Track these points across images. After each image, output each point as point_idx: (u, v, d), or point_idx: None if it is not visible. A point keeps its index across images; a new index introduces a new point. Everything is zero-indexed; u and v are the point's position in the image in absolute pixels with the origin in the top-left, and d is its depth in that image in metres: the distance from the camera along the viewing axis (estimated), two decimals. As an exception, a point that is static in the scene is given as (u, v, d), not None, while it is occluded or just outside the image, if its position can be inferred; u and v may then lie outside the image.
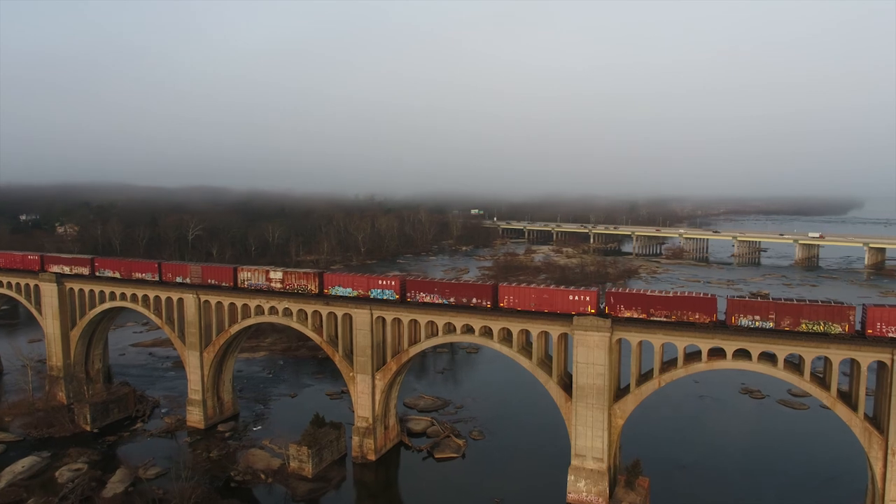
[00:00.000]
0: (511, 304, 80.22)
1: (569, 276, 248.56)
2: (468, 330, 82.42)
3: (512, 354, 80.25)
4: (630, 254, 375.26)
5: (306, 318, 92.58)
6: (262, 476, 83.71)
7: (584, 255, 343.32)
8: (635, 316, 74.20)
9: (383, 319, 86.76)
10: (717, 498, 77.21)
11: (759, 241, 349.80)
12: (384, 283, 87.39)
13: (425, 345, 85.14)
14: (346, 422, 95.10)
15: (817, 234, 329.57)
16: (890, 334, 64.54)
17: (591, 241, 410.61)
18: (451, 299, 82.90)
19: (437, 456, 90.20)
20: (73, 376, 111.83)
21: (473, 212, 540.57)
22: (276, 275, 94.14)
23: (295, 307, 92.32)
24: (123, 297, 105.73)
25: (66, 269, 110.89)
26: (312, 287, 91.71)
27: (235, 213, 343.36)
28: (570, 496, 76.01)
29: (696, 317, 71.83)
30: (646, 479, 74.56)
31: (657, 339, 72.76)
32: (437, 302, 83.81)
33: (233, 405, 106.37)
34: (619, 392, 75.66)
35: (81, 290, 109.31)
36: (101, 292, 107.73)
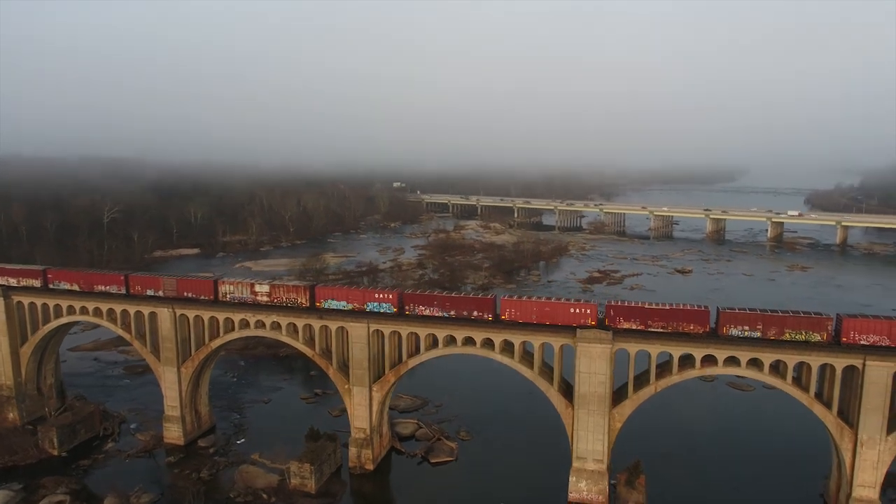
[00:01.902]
0: (512, 316, 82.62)
1: (507, 255, 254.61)
2: (469, 342, 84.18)
3: (514, 365, 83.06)
4: (552, 227, 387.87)
5: (296, 332, 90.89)
6: (264, 496, 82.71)
7: (512, 231, 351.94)
8: (634, 327, 78.76)
9: (381, 332, 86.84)
10: (693, 483, 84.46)
11: (673, 216, 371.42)
12: (381, 296, 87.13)
13: (425, 357, 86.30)
14: (327, 426, 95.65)
15: (720, 210, 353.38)
16: (861, 342, 72.40)
17: (515, 215, 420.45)
18: (452, 312, 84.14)
19: (432, 461, 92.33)
20: (25, 395, 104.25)
21: (395, 185, 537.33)
22: (263, 288, 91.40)
23: (284, 321, 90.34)
24: (84, 310, 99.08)
25: (13, 282, 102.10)
26: (303, 300, 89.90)
27: (150, 191, 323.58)
28: (572, 496, 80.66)
29: (691, 327, 77.25)
30: (643, 477, 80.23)
31: (654, 349, 77.76)
32: (437, 315, 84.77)
33: (209, 417, 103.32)
34: (617, 397, 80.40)
35: (33, 304, 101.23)
36: (57, 306, 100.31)
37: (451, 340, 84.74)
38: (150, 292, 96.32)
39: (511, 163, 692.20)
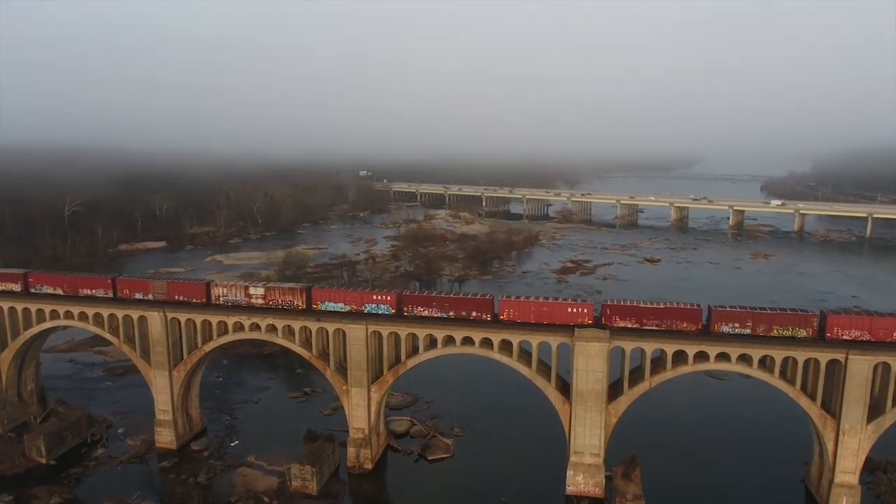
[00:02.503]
0: (511, 316, 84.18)
1: (480, 246, 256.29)
2: (467, 342, 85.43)
3: (512, 364, 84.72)
4: (520, 216, 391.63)
5: (292, 334, 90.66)
6: (266, 499, 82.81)
7: (482, 221, 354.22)
8: (629, 326, 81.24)
9: (379, 334, 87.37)
10: (683, 472, 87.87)
11: (638, 204, 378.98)
12: (379, 297, 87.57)
13: (424, 357, 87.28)
14: (320, 425, 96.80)
15: (691, 198, 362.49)
16: (844, 337, 76.37)
17: (484, 204, 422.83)
18: (451, 313, 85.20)
19: (429, 458, 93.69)
20: (6, 402, 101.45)
21: (362, 174, 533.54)
22: (258, 290, 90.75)
23: (280, 323, 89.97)
24: (69, 315, 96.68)
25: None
26: (299, 302, 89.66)
27: (113, 183, 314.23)
28: (570, 489, 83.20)
29: (684, 325, 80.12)
30: (638, 469, 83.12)
31: (649, 346, 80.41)
32: (435, 316, 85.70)
33: (200, 419, 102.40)
34: (612, 393, 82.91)
35: (13, 309, 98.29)
36: (40, 311, 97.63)
37: (449, 340, 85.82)
38: (138, 296, 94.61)
39: (475, 151, 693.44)
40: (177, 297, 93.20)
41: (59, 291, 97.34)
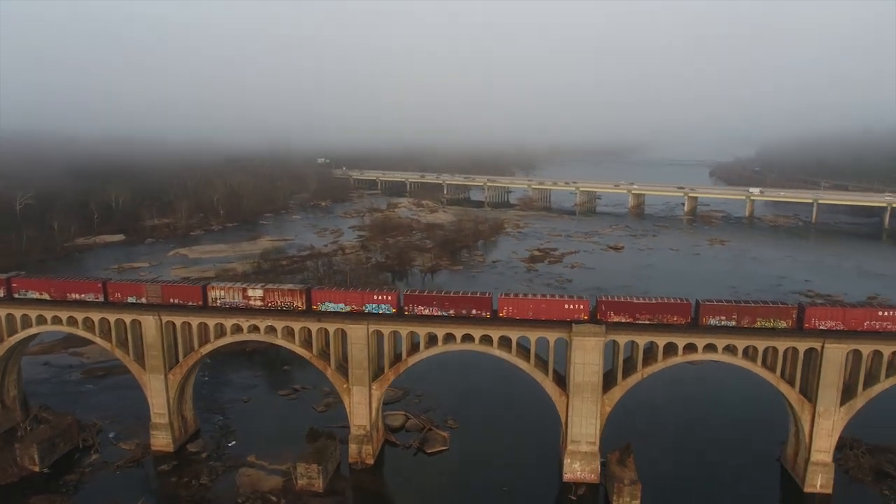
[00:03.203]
0: (510, 313, 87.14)
1: (447, 235, 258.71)
2: (467, 339, 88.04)
3: (511, 359, 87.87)
4: (481, 203, 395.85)
5: (291, 335, 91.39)
6: (273, 498, 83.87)
7: (446, 209, 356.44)
8: (623, 320, 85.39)
9: (381, 333, 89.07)
10: (669, 455, 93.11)
11: (596, 191, 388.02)
12: (380, 297, 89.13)
13: (425, 354, 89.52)
14: (315, 422, 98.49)
15: (635, 185, 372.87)
16: (821, 327, 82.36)
17: (445, 191, 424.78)
18: (451, 311, 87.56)
19: (428, 451, 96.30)
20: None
21: (320, 161, 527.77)
22: (256, 292, 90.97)
23: (280, 324, 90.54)
24: (57, 320, 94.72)
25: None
26: (299, 304, 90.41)
27: (66, 174, 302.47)
28: (567, 476, 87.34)
29: (674, 319, 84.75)
30: (632, 456, 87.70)
31: (641, 339, 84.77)
32: (436, 314, 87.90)
33: (194, 421, 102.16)
34: (606, 384, 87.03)
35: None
36: (25, 316, 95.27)
37: (449, 338, 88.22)
38: (131, 299, 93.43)
39: (432, 140, 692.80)
40: (172, 301, 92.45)
41: (46, 296, 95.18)
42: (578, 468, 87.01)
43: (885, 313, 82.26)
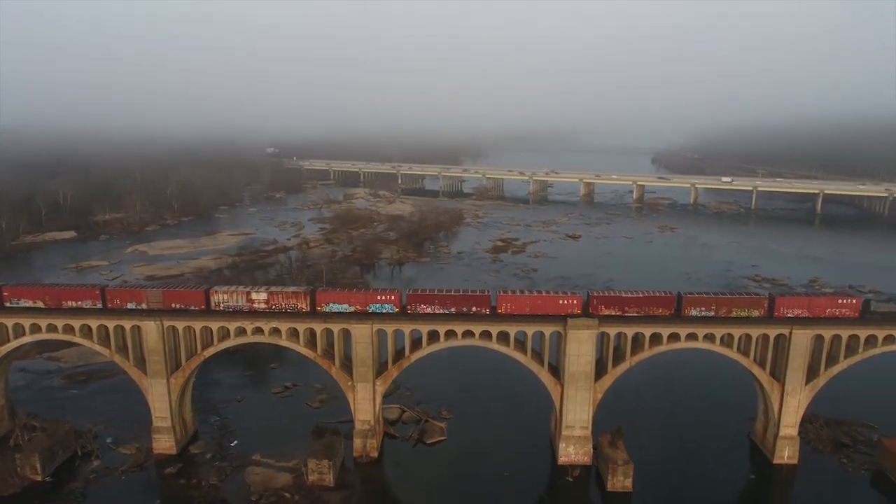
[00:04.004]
0: (508, 310, 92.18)
1: (410, 227, 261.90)
2: (468, 335, 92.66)
3: (509, 352, 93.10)
4: (436, 193, 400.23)
5: (295, 336, 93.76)
6: (287, 495, 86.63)
7: (404, 200, 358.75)
8: (613, 314, 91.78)
9: (384, 331, 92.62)
10: (652, 434, 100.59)
11: (549, 180, 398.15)
12: (383, 297, 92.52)
13: (427, 350, 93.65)
14: (312, 418, 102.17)
15: (592, 174, 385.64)
16: (789, 315, 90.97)
17: (399, 181, 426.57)
18: (452, 309, 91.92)
19: (427, 442, 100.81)
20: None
21: (269, 151, 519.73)
22: (260, 295, 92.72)
23: (284, 326, 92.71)
24: (52, 328, 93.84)
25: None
26: (303, 305, 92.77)
27: (5, 168, 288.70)
28: (562, 459, 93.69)
29: (659, 311, 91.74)
30: (622, 437, 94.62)
31: (629, 330, 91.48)
32: (438, 312, 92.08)
33: (193, 423, 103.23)
34: (597, 372, 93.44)
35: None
36: (18, 325, 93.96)
37: (451, 334, 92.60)
38: (131, 305, 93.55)
39: (381, 128, 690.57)
40: (173, 306, 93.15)
41: (40, 304, 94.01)
42: (573, 451, 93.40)
43: (844, 301, 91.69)
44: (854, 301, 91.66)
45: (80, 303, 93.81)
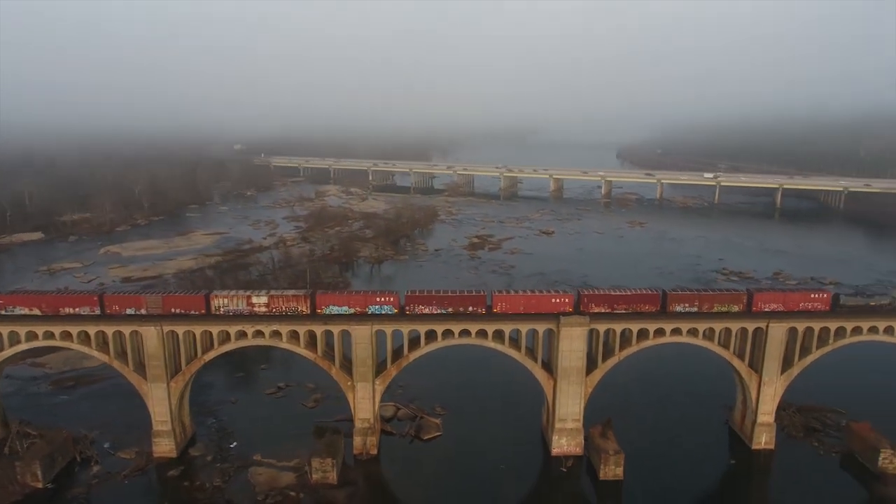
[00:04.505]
0: (503, 309, 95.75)
1: (386, 224, 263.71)
2: (465, 333, 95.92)
3: (505, 350, 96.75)
4: (408, 189, 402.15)
5: (296, 338, 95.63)
6: (292, 493, 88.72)
7: (377, 197, 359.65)
8: (603, 311, 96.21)
9: (384, 332, 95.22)
10: (641, 425, 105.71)
11: (519, 176, 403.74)
12: (382, 299, 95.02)
13: (426, 350, 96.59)
14: (309, 418, 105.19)
15: (558, 171, 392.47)
16: (766, 309, 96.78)
17: (370, 178, 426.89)
18: (450, 309, 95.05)
19: (424, 437, 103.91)
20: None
21: (236, 147, 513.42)
22: (260, 299, 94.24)
23: (285, 329, 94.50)
24: (49, 335, 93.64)
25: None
26: (303, 308, 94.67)
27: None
28: (555, 450, 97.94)
29: (646, 307, 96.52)
30: (612, 428, 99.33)
31: (618, 327, 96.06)
32: (436, 313, 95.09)
33: (191, 425, 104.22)
34: (588, 367, 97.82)
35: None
36: (13, 333, 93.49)
37: (448, 333, 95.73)
38: (130, 311, 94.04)
39: (348, 126, 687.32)
40: (173, 311, 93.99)
41: (37, 311, 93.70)
42: (565, 443, 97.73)
43: (816, 295, 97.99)
44: (825, 295, 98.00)
45: (77, 309, 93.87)
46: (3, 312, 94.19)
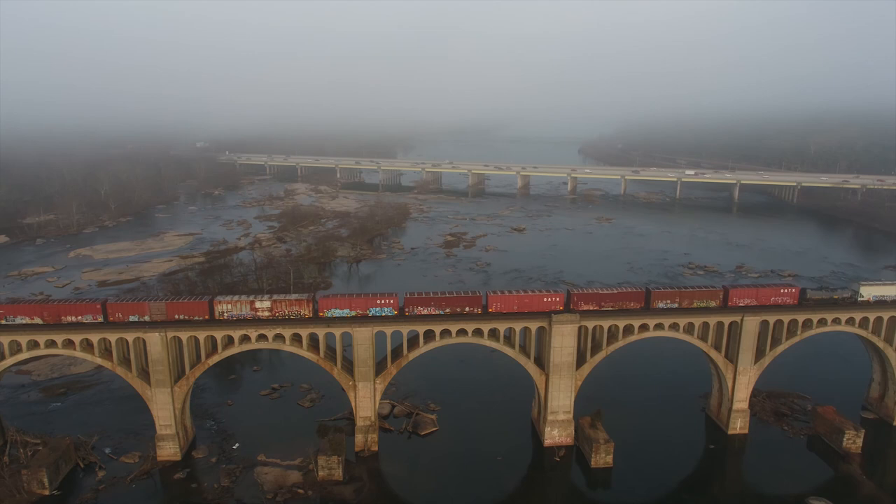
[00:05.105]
0: (498, 308, 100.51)
1: (361, 223, 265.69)
2: (461, 333, 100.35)
3: (499, 347, 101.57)
4: (376, 186, 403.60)
5: (298, 341, 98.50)
6: (300, 491, 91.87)
7: (346, 195, 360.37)
8: (591, 308, 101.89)
9: (384, 333, 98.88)
10: (626, 414, 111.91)
11: (486, 173, 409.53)
12: (382, 301, 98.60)
13: (424, 349, 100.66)
14: (308, 417, 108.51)
15: (529, 167, 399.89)
16: (740, 304, 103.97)
17: (338, 175, 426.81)
18: (448, 310, 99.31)
19: (421, 433, 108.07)
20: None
21: (199, 145, 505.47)
22: (264, 304, 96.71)
23: (288, 332, 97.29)
24: (52, 343, 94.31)
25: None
26: (306, 312, 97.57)
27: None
28: (547, 441, 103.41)
29: (631, 304, 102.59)
30: (601, 419, 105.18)
31: (606, 323, 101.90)
32: (434, 314, 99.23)
33: (192, 428, 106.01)
34: (577, 362, 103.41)
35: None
36: (14, 342, 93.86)
37: (446, 333, 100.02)
38: (133, 318, 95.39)
39: (304, 122, 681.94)
40: (177, 317, 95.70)
41: (38, 321, 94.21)
42: (557, 434, 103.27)
43: (785, 290, 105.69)
44: (794, 290, 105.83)
45: (80, 318, 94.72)
46: (3, 322, 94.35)
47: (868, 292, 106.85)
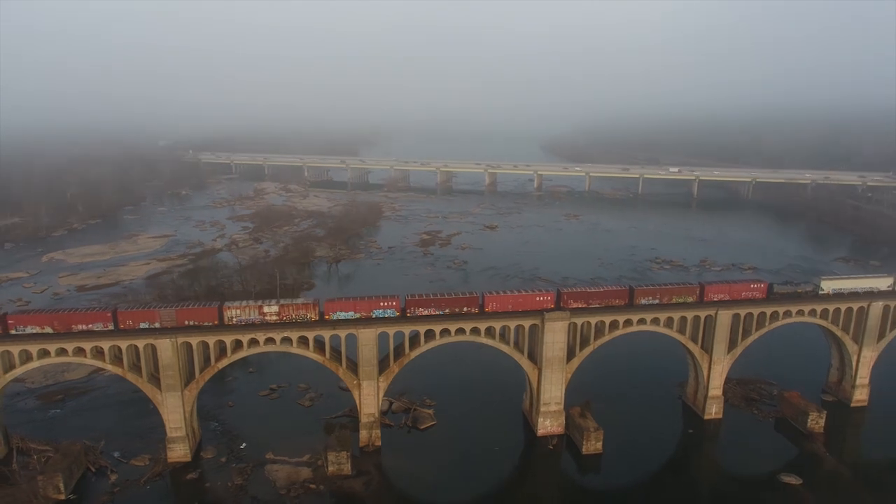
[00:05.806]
0: (494, 308, 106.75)
1: (338, 223, 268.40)
2: (460, 332, 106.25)
3: (496, 345, 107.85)
4: (344, 184, 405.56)
5: (305, 343, 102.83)
6: (312, 486, 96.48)
7: (317, 193, 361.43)
8: (580, 306, 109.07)
9: (387, 334, 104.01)
10: (611, 403, 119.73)
11: (453, 171, 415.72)
12: (385, 303, 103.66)
13: (425, 348, 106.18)
14: (307, 416, 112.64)
15: (494, 164, 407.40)
16: (715, 298, 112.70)
17: (306, 173, 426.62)
18: (447, 310, 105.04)
19: (420, 427, 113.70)
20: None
21: (161, 144, 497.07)
22: (272, 308, 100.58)
23: (295, 335, 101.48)
24: (62, 352, 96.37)
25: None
26: (312, 315, 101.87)
27: None
28: (540, 431, 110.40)
29: (616, 301, 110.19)
30: (590, 409, 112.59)
31: (593, 319, 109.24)
32: (434, 314, 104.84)
33: (198, 430, 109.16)
34: (567, 356, 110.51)
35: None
36: (24, 351, 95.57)
37: (445, 332, 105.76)
38: (144, 325, 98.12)
39: (273, 120, 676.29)
40: (187, 323, 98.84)
41: (49, 330, 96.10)
42: (549, 424, 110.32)
43: (755, 286, 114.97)
44: (763, 285, 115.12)
45: (90, 326, 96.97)
46: (13, 332, 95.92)
47: (828, 286, 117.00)
